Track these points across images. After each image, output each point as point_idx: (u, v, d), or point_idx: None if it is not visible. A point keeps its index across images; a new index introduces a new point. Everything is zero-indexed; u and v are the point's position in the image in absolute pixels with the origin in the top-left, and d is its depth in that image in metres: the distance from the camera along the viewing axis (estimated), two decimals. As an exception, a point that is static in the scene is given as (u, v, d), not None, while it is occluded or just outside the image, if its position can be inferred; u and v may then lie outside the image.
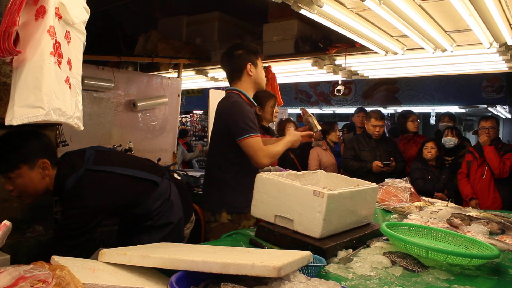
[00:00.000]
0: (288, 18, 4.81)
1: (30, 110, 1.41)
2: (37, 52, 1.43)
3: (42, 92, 1.42)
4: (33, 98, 1.42)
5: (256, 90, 2.82)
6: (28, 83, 1.43)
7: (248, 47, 2.75)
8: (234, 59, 2.73)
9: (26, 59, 1.43)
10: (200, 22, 5.85)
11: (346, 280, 1.57)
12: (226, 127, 2.60)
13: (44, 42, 1.44)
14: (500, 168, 4.54)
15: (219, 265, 1.23)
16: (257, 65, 2.73)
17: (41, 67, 1.43)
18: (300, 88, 9.59)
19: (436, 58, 4.24)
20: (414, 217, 2.56)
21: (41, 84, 1.42)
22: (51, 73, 1.44)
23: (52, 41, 1.45)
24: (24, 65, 1.43)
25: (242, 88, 2.73)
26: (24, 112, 1.41)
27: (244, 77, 2.73)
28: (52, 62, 1.45)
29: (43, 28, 1.44)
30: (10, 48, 1.36)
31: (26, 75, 1.43)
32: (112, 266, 1.43)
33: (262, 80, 2.79)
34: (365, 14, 3.14)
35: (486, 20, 3.00)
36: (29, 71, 1.43)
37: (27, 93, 1.42)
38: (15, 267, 1.10)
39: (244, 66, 2.70)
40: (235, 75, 2.75)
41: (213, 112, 2.80)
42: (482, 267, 1.77)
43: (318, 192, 1.80)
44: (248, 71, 2.70)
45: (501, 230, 2.40)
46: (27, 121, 1.41)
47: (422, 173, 4.92)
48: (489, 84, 7.33)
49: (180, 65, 5.57)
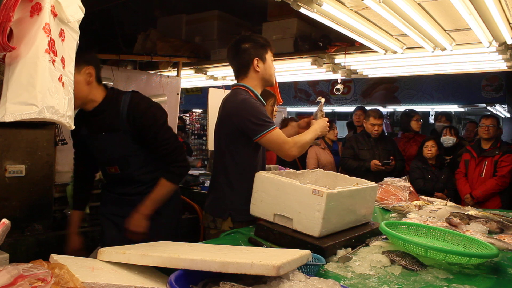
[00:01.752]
0: (287, 17, 4.80)
1: (23, 107, 1.39)
2: (32, 49, 1.42)
3: (36, 90, 1.40)
4: (26, 95, 1.40)
5: (265, 87, 2.66)
6: (22, 80, 1.41)
7: (256, 40, 2.56)
8: (240, 53, 2.54)
9: (20, 55, 1.42)
10: (199, 20, 5.83)
11: (345, 279, 1.57)
12: (237, 128, 2.41)
13: (39, 39, 1.42)
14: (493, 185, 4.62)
15: (218, 264, 1.23)
16: (265, 60, 2.54)
17: (35, 64, 1.41)
18: (300, 87, 9.59)
19: (436, 57, 4.23)
20: (413, 216, 2.57)
21: (35, 81, 1.41)
22: (45, 70, 1.43)
23: (47, 39, 1.43)
24: (18, 61, 1.42)
25: (250, 85, 2.54)
26: (16, 109, 1.39)
27: (251, 73, 2.54)
28: (46, 60, 1.43)
29: (39, 25, 1.42)
30: (5, 44, 1.35)
31: (20, 72, 1.41)
32: (111, 265, 1.43)
33: (270, 77, 2.59)
34: (365, 13, 3.13)
35: (485, 19, 2.99)
36: (23, 68, 1.42)
37: (20, 90, 1.40)
38: (14, 265, 1.10)
39: (251, 62, 2.51)
40: (242, 70, 2.57)
41: (212, 110, 2.75)
42: (481, 266, 1.78)
43: (317, 191, 1.81)
44: (255, 67, 2.51)
45: (500, 229, 2.40)
46: (19, 118, 1.39)
47: (422, 172, 4.93)
48: (488, 83, 7.33)
49: (179, 64, 5.56)
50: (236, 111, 2.42)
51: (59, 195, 3.74)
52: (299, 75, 5.72)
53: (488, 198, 4.62)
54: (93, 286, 1.19)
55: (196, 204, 4.51)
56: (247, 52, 2.52)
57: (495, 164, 4.66)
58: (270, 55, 2.59)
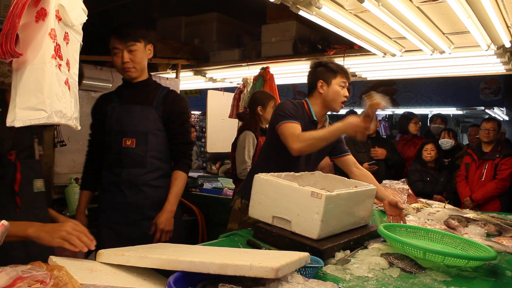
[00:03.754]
0: (286, 19, 4.81)
1: (33, 112, 1.41)
2: (39, 54, 1.43)
3: (44, 95, 1.42)
4: (34, 100, 1.42)
5: (327, 111, 2.74)
6: (30, 86, 1.42)
7: (327, 65, 2.69)
8: (310, 73, 2.75)
9: (27, 61, 1.43)
10: (198, 22, 5.84)
11: (344, 281, 1.57)
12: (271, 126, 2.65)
13: (45, 45, 1.44)
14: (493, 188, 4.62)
15: (217, 266, 1.23)
16: (331, 84, 2.65)
17: (43, 70, 1.43)
18: (298, 89, 9.58)
19: (434, 60, 4.25)
20: (412, 219, 2.57)
21: (43, 87, 1.42)
22: (53, 76, 1.45)
23: (53, 44, 1.45)
24: (26, 67, 1.43)
25: (311, 103, 2.71)
26: (26, 115, 1.41)
27: (315, 93, 2.69)
28: (53, 65, 1.45)
29: (44, 30, 1.44)
30: (12, 51, 1.36)
31: (27, 78, 1.43)
32: (110, 267, 1.43)
33: (333, 101, 2.67)
34: (364, 16, 3.14)
35: (484, 23, 3.00)
36: (30, 73, 1.43)
37: (28, 95, 1.42)
38: (12, 267, 1.10)
39: (316, 83, 2.68)
40: (310, 89, 2.74)
41: (211, 112, 2.81)
42: (479, 268, 1.78)
43: (316, 193, 1.81)
44: (319, 88, 2.66)
45: (498, 232, 2.41)
46: (29, 123, 1.41)
47: (421, 175, 4.93)
48: (487, 86, 7.33)
49: (179, 66, 5.56)
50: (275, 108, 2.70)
51: (58, 197, 3.74)
52: (298, 77, 5.73)
53: (488, 201, 4.63)
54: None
55: (194, 206, 4.51)
56: (315, 74, 2.71)
57: (495, 167, 4.66)
58: (340, 81, 2.67)
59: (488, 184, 4.64)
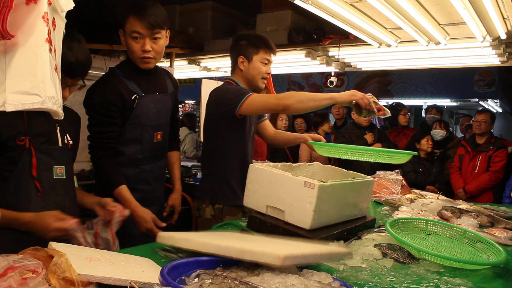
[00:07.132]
0: (282, 9, 4.79)
1: (26, 97, 1.37)
2: (31, 37, 1.39)
3: (38, 79, 1.38)
4: (28, 84, 1.37)
5: (252, 89, 2.56)
6: (21, 69, 1.38)
7: (250, 39, 2.54)
8: (231, 48, 2.60)
9: (18, 44, 1.38)
10: (193, 11, 5.79)
11: (337, 271, 1.57)
12: (214, 113, 2.50)
13: (38, 28, 1.39)
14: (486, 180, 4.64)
15: (237, 251, 1.28)
16: (252, 60, 2.51)
17: (36, 53, 1.39)
18: (293, 79, 9.57)
19: (429, 51, 4.25)
20: (405, 210, 2.57)
21: (36, 71, 1.38)
22: (46, 60, 1.40)
23: (47, 28, 1.41)
24: (16, 50, 1.38)
25: (236, 80, 2.57)
26: (19, 99, 1.36)
27: (237, 70, 2.57)
28: (47, 49, 1.41)
29: (37, 13, 1.39)
30: (5, 31, 1.32)
31: (18, 61, 1.38)
32: (109, 256, 1.44)
33: (253, 78, 2.54)
34: (360, 6, 3.12)
35: (480, 14, 3.00)
36: (21, 56, 1.38)
37: (20, 79, 1.37)
38: (4, 256, 1.09)
39: (236, 58, 2.55)
40: (232, 65, 2.62)
41: (205, 102, 2.73)
42: (472, 259, 1.78)
43: (309, 183, 1.80)
44: (239, 65, 2.53)
45: (491, 223, 2.42)
46: (22, 108, 1.37)
47: (414, 166, 4.96)
48: (481, 78, 7.36)
49: (173, 55, 5.53)
50: (212, 97, 2.54)
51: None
52: (292, 67, 5.71)
53: (481, 192, 4.67)
54: (89, 279, 1.18)
55: (188, 196, 4.50)
56: (236, 49, 2.56)
57: (489, 159, 4.70)
58: (262, 57, 2.54)
59: (481, 176, 4.67)
